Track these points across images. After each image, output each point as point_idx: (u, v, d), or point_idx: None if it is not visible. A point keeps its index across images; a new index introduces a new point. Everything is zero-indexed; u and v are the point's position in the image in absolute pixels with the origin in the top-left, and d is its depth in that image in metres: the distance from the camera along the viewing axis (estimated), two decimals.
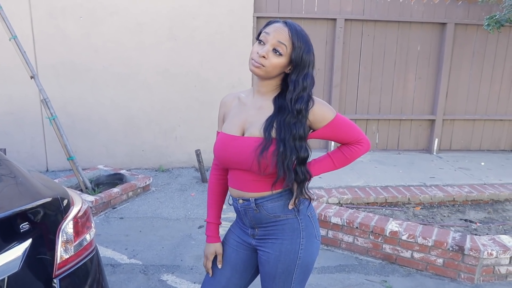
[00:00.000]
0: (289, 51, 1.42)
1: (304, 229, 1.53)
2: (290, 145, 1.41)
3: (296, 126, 1.43)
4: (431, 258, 3.15)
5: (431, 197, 4.11)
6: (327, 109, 1.50)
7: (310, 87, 1.45)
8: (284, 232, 1.52)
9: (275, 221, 1.53)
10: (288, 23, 1.45)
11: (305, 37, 1.45)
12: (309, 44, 1.45)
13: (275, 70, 1.44)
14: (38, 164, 5.20)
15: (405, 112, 5.87)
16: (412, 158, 5.61)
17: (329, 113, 1.49)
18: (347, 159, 1.58)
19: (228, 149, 1.50)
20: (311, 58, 1.46)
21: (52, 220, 1.49)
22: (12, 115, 5.07)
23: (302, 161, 1.46)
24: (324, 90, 5.69)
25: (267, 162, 1.41)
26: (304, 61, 1.43)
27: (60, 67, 5.03)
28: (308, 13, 5.39)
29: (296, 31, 1.43)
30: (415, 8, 5.50)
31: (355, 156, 1.57)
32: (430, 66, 5.74)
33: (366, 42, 5.58)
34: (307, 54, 1.44)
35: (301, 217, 1.53)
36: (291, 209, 1.51)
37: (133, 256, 3.31)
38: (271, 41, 1.42)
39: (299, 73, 1.44)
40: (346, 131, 1.53)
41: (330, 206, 3.70)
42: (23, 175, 1.61)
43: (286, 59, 1.43)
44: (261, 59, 1.41)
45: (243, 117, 1.52)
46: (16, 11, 4.70)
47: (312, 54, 1.46)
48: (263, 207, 1.51)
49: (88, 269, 1.64)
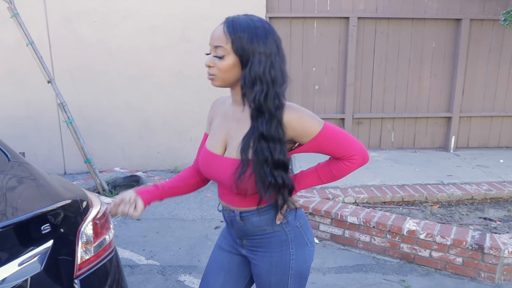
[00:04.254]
0: (229, 47, 1.28)
1: (293, 239, 1.46)
2: (261, 147, 1.28)
3: (267, 127, 1.28)
4: (450, 257, 3.11)
5: (449, 196, 4.05)
6: (311, 123, 1.31)
7: (267, 80, 1.27)
8: (272, 245, 1.46)
9: (262, 234, 1.46)
10: (226, 20, 1.32)
11: (246, 25, 1.28)
12: (251, 32, 1.27)
13: (228, 74, 1.31)
14: (56, 167, 5.28)
15: (421, 110, 5.80)
16: (428, 156, 5.54)
17: (313, 127, 1.31)
18: (335, 176, 1.41)
19: (210, 166, 1.43)
20: (255, 47, 1.27)
21: (72, 222, 1.52)
22: (30, 119, 5.15)
23: (278, 165, 1.31)
24: (338, 89, 5.66)
25: (246, 187, 1.32)
26: (247, 50, 1.27)
27: (76, 71, 5.10)
28: (320, 12, 5.37)
29: (232, 23, 1.29)
30: (429, 5, 5.44)
31: (344, 173, 1.40)
32: (446, 63, 5.66)
33: (379, 40, 5.53)
34: (250, 42, 1.26)
35: (288, 229, 1.45)
36: (278, 223, 1.44)
37: (151, 257, 3.33)
38: (211, 48, 1.33)
39: (246, 65, 1.28)
40: (335, 146, 1.34)
41: (346, 205, 3.68)
42: (43, 178, 1.63)
43: (232, 56, 1.29)
44: (210, 70, 1.33)
45: (225, 130, 1.42)
46: (33, 16, 4.78)
47: (261, 42, 1.27)
48: (248, 221, 1.44)
49: (108, 269, 1.66)
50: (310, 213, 3.66)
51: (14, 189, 1.55)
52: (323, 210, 3.57)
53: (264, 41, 1.28)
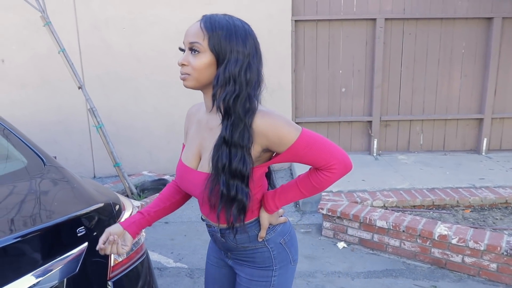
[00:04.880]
0: (206, 44, 1.20)
1: (276, 257, 1.39)
2: (221, 151, 1.21)
3: (226, 128, 1.20)
4: (483, 263, 3.02)
5: (481, 199, 3.94)
6: (286, 130, 1.21)
7: (241, 81, 1.19)
8: (255, 261, 1.40)
9: (244, 251, 1.40)
10: (203, 17, 1.25)
11: (225, 22, 1.21)
12: (230, 30, 1.20)
13: (203, 74, 1.23)
14: (86, 170, 5.40)
15: (451, 111, 5.67)
16: (459, 159, 5.41)
17: (289, 135, 1.21)
18: (316, 188, 1.31)
19: (184, 180, 1.37)
20: (233, 44, 1.20)
21: (105, 225, 1.54)
22: (61, 124, 5.29)
23: (235, 174, 1.21)
24: (365, 91, 5.59)
25: (215, 198, 1.25)
26: (224, 48, 1.19)
27: (105, 77, 5.21)
28: (347, 14, 5.33)
29: (210, 19, 1.22)
30: (458, 4, 5.32)
31: (325, 185, 1.29)
32: (477, 63, 5.52)
33: (407, 41, 5.45)
34: (226, 40, 1.19)
35: (271, 246, 1.39)
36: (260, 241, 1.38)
37: (179, 260, 3.36)
38: (186, 45, 1.24)
39: (222, 63, 1.20)
40: (313, 155, 1.24)
41: (374, 209, 3.63)
42: (77, 182, 1.67)
43: (208, 55, 1.21)
44: (183, 68, 1.24)
45: (198, 141, 1.35)
46: (64, 25, 4.92)
47: (240, 41, 1.21)
48: (229, 237, 1.38)
49: (139, 272, 1.68)
50: (338, 217, 3.62)
51: (51, 192, 1.59)
52: (352, 214, 3.53)
53: (243, 40, 1.21)
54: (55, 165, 1.77)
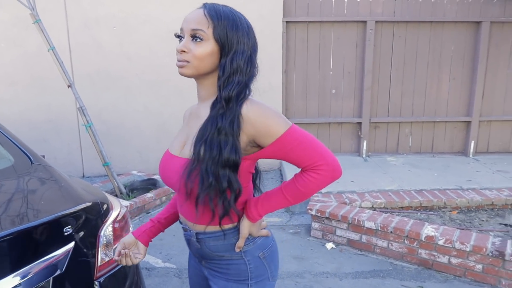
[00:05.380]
0: (210, 32, 1.17)
1: (253, 271, 1.30)
2: (212, 141, 1.16)
3: (222, 117, 1.16)
4: (469, 264, 3.06)
5: (468, 201, 3.99)
6: (274, 121, 1.16)
7: (245, 71, 1.19)
8: (229, 272, 1.31)
9: (219, 260, 1.32)
10: (205, 4, 1.23)
11: (229, 13, 1.20)
12: (235, 20, 1.19)
13: (204, 62, 1.19)
14: (75, 170, 5.36)
15: (439, 114, 5.73)
16: (447, 161, 5.47)
17: (276, 126, 1.16)
18: (301, 192, 1.22)
19: (165, 169, 1.29)
20: (240, 35, 1.19)
21: (93, 224, 1.54)
22: (51, 122, 5.25)
23: (226, 164, 1.16)
24: (355, 93, 5.63)
25: (192, 185, 1.17)
26: (230, 38, 1.18)
27: (95, 76, 5.18)
28: (338, 16, 5.36)
29: (214, 8, 1.20)
30: (448, 8, 5.38)
31: (311, 188, 1.20)
32: (465, 66, 5.59)
33: (397, 43, 5.49)
34: (233, 31, 1.18)
35: (248, 259, 1.30)
36: (234, 248, 1.29)
37: (167, 260, 3.36)
38: (187, 31, 1.20)
39: (228, 54, 1.18)
40: (300, 153, 1.17)
41: (363, 210, 3.65)
42: (65, 180, 1.67)
43: (211, 43, 1.18)
44: (182, 55, 1.20)
45: (186, 130, 1.31)
46: (54, 23, 4.88)
47: (245, 32, 1.20)
48: (204, 244, 1.30)
49: (127, 272, 1.68)
50: (326, 218, 3.64)
51: (37, 191, 1.58)
52: (340, 215, 3.55)
53: (247, 32, 1.21)
54: (43, 164, 1.76)
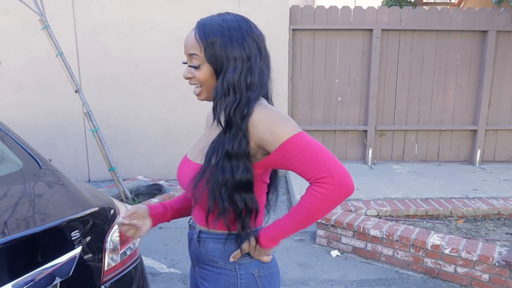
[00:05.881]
0: (203, 55, 1.15)
1: (243, 287, 1.22)
2: (223, 166, 1.13)
3: (230, 140, 1.12)
4: (476, 274, 3.03)
5: (474, 210, 3.97)
6: (281, 125, 1.10)
7: (241, 87, 1.13)
8: (218, 284, 1.24)
9: (212, 266, 1.26)
10: (197, 23, 1.18)
11: (219, 28, 1.14)
12: (225, 35, 1.13)
13: (210, 84, 1.18)
14: (81, 174, 5.39)
15: (445, 122, 5.72)
16: (453, 169, 5.44)
17: (282, 130, 1.09)
18: (307, 210, 1.11)
19: (180, 173, 1.28)
20: (230, 51, 1.12)
21: (100, 229, 1.55)
22: (57, 127, 5.29)
23: (239, 186, 1.13)
24: (361, 101, 5.63)
25: (199, 194, 1.16)
26: (220, 58, 1.13)
27: (102, 81, 5.22)
28: (344, 24, 5.37)
29: (204, 27, 1.15)
30: (454, 16, 5.38)
31: (315, 205, 1.09)
32: (471, 75, 5.58)
33: (403, 52, 5.50)
34: (223, 49, 1.12)
35: (241, 273, 1.22)
36: (231, 261, 1.22)
37: (172, 266, 3.36)
38: (187, 56, 1.20)
39: (221, 74, 1.14)
40: (304, 161, 1.08)
41: (368, 218, 3.64)
42: (73, 185, 1.68)
43: (207, 66, 1.16)
44: (190, 81, 1.20)
45: (206, 136, 1.30)
46: (62, 28, 4.93)
47: (237, 45, 1.13)
48: (204, 244, 1.26)
49: (133, 277, 1.68)
50: (332, 225, 3.63)
51: (45, 195, 1.60)
52: (345, 223, 3.54)
53: (240, 44, 1.13)
54: (51, 168, 1.78)
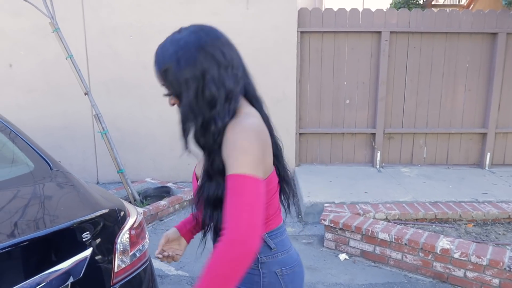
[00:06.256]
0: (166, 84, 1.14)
1: (266, 285, 1.25)
2: (204, 185, 1.17)
3: (206, 160, 1.15)
4: (486, 278, 3.00)
5: (484, 214, 3.93)
6: (234, 154, 1.05)
7: (199, 107, 1.09)
8: (243, 282, 1.26)
9: None
10: (155, 52, 1.16)
11: (167, 53, 1.11)
12: (173, 60, 1.09)
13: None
14: (89, 176, 5.42)
15: (454, 125, 5.68)
16: (462, 173, 5.40)
17: (231, 161, 1.05)
18: (210, 272, 0.98)
19: (193, 188, 1.31)
20: (181, 74, 1.09)
21: (110, 231, 1.56)
22: (66, 129, 5.33)
23: (215, 203, 1.15)
24: (369, 103, 5.61)
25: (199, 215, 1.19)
26: (174, 83, 1.10)
27: (111, 84, 5.25)
28: (352, 27, 5.36)
29: (156, 56, 1.13)
30: (463, 19, 5.35)
31: (215, 265, 0.98)
32: (481, 77, 5.54)
33: (412, 54, 5.48)
34: (174, 73, 1.09)
35: (264, 271, 1.25)
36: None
37: (180, 268, 3.36)
38: None
39: (180, 101, 1.13)
40: (228, 202, 1.03)
41: (377, 221, 3.62)
42: (83, 187, 1.69)
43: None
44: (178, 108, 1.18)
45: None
46: (72, 31, 4.97)
47: (188, 65, 1.08)
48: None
49: (142, 278, 1.69)
50: (340, 228, 3.62)
51: (56, 197, 1.61)
52: (354, 226, 3.53)
53: (190, 63, 1.08)
54: (61, 170, 1.79)
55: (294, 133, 5.55)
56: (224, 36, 1.17)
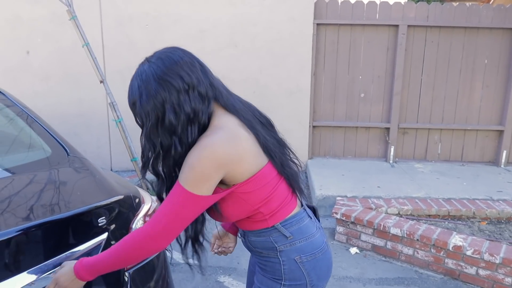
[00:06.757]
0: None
1: (287, 272, 1.30)
2: None
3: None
4: (498, 277, 2.98)
5: (498, 212, 3.89)
6: (186, 168, 1.16)
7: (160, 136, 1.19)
8: (266, 269, 1.35)
9: (259, 255, 1.38)
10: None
11: (133, 87, 1.21)
12: (136, 94, 1.19)
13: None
14: (103, 164, 5.47)
15: (471, 121, 5.60)
16: (477, 170, 5.34)
17: (183, 173, 1.17)
18: (120, 248, 1.21)
19: None
20: (143, 106, 1.18)
21: (125, 217, 1.57)
22: (82, 117, 5.38)
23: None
24: (384, 98, 5.56)
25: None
26: (139, 116, 1.20)
27: (127, 72, 5.22)
28: (369, 20, 5.30)
29: (128, 88, 1.23)
30: (483, 13, 5.25)
31: (127, 244, 1.20)
32: (500, 74, 5.44)
33: (429, 49, 5.40)
34: (140, 105, 1.18)
35: (284, 259, 1.30)
36: (271, 247, 1.31)
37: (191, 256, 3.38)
38: None
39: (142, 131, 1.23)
40: (164, 199, 1.22)
41: (389, 216, 3.60)
42: (99, 173, 1.71)
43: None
44: None
45: None
46: (88, 19, 5.00)
47: (147, 99, 1.17)
48: (248, 238, 1.38)
49: (155, 265, 1.71)
50: (352, 222, 3.61)
51: (74, 182, 1.63)
52: (366, 220, 3.52)
53: (152, 95, 1.16)
54: (78, 156, 1.81)
55: (308, 125, 5.53)
56: (184, 58, 1.22)
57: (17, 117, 1.93)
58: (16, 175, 1.55)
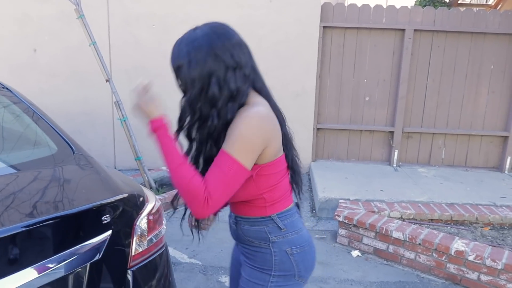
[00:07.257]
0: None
1: (277, 264, 1.34)
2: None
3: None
4: (500, 283, 2.97)
5: (501, 218, 3.88)
6: (233, 138, 1.18)
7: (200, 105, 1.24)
8: (256, 260, 1.38)
9: (249, 245, 1.40)
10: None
11: (181, 52, 1.22)
12: (185, 58, 1.21)
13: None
14: (107, 162, 5.50)
15: (475, 127, 5.59)
16: (481, 176, 5.32)
17: (230, 141, 1.19)
18: (171, 157, 1.30)
19: None
20: (190, 73, 1.21)
21: (129, 215, 1.59)
22: (87, 115, 5.41)
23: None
24: (389, 101, 5.56)
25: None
26: (183, 80, 1.24)
27: (132, 72, 5.30)
28: (376, 23, 5.31)
29: (172, 52, 1.25)
30: (490, 19, 5.24)
31: (174, 170, 1.26)
32: (506, 79, 5.43)
33: (435, 53, 5.40)
34: (186, 71, 1.21)
35: (275, 250, 1.34)
36: (264, 237, 1.35)
37: (193, 256, 3.40)
38: None
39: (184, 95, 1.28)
40: (213, 168, 1.20)
41: (391, 220, 3.60)
42: (104, 171, 1.73)
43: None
44: None
45: None
46: (96, 18, 5.03)
47: (196, 66, 1.20)
48: (240, 226, 1.40)
49: (158, 264, 1.72)
50: (354, 225, 3.61)
51: (79, 179, 1.64)
52: (368, 223, 3.52)
53: (201, 64, 1.20)
54: (84, 154, 1.83)
55: (312, 128, 5.54)
56: (235, 37, 1.25)
57: (23, 114, 1.95)
58: (22, 172, 1.57)
